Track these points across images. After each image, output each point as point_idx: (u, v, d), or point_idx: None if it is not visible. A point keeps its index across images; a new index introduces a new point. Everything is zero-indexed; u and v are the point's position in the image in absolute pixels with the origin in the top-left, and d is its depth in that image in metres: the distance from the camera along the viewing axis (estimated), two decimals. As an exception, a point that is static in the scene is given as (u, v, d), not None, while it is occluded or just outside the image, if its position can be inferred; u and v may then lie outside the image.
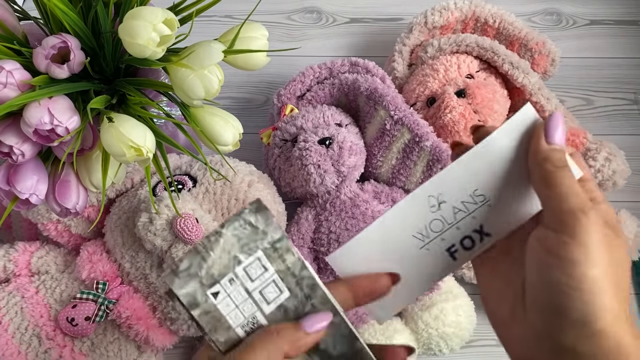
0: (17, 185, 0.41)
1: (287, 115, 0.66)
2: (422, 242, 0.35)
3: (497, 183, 0.34)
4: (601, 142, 0.65)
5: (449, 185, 0.34)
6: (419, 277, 0.36)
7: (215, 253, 0.32)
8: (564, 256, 0.29)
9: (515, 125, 0.33)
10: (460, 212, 0.35)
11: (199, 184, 0.58)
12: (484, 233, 0.35)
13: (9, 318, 0.53)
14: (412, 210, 0.35)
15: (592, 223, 0.29)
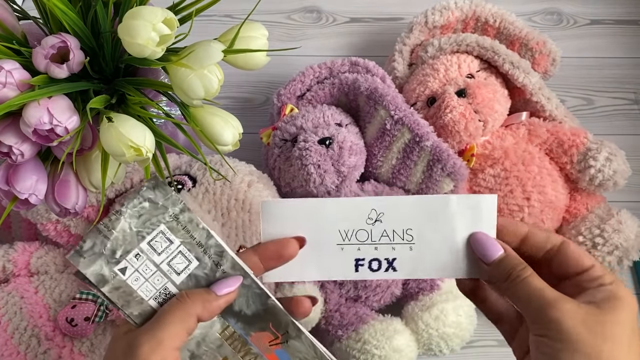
0: (16, 185, 0.41)
1: (287, 115, 0.66)
2: (341, 240, 0.38)
3: (428, 236, 0.37)
4: (602, 142, 0.65)
5: (394, 211, 0.37)
6: (320, 265, 0.38)
7: (117, 231, 0.34)
8: (547, 352, 0.31)
9: (474, 203, 0.37)
10: (386, 237, 0.38)
11: (199, 184, 0.58)
12: (392, 267, 0.38)
13: (8, 318, 0.53)
14: (354, 211, 0.37)
15: (563, 314, 0.30)
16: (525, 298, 0.32)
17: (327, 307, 0.63)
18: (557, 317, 0.30)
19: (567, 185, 0.67)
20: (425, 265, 0.38)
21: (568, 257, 0.34)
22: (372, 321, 0.60)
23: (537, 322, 0.32)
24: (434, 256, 0.38)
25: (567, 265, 0.34)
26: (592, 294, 0.32)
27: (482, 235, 0.36)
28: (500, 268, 0.34)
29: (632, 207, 0.67)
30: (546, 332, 0.31)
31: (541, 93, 0.68)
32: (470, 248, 0.37)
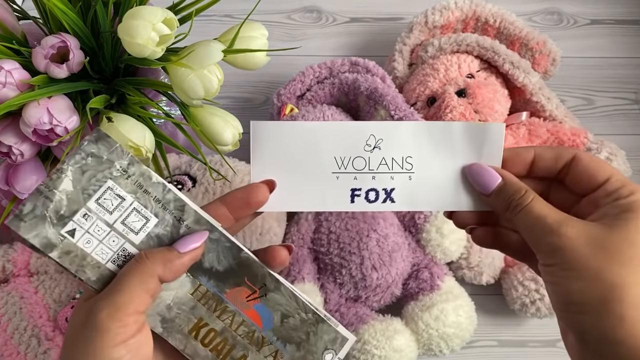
0: (16, 185, 0.41)
1: (287, 115, 0.66)
2: (337, 168, 0.36)
3: (430, 165, 0.35)
4: (602, 141, 0.65)
5: (393, 137, 0.35)
6: (315, 194, 0.36)
7: (60, 190, 0.31)
8: (551, 280, 0.30)
9: (480, 131, 0.35)
10: (385, 166, 0.36)
11: (199, 184, 0.58)
12: (390, 198, 0.36)
13: (7, 318, 0.53)
14: (351, 136, 0.35)
15: (566, 239, 0.29)
16: (527, 227, 0.31)
17: (327, 307, 0.63)
18: (559, 244, 0.29)
19: (567, 185, 0.67)
20: (425, 197, 0.36)
21: (581, 173, 0.32)
22: (372, 321, 0.60)
23: (541, 251, 0.30)
24: (435, 187, 0.36)
25: (581, 181, 0.32)
26: (605, 210, 0.30)
27: (477, 166, 0.34)
28: (500, 198, 0.33)
29: (633, 207, 0.67)
30: (550, 260, 0.29)
31: (541, 93, 0.68)
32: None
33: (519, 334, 0.67)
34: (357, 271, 0.61)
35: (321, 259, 0.63)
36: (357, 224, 0.62)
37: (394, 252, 0.61)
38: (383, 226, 0.62)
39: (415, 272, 0.64)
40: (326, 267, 0.63)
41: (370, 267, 0.60)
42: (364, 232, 0.61)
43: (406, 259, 0.63)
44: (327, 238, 0.62)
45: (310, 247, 0.64)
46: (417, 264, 0.64)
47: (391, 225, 0.63)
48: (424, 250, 0.65)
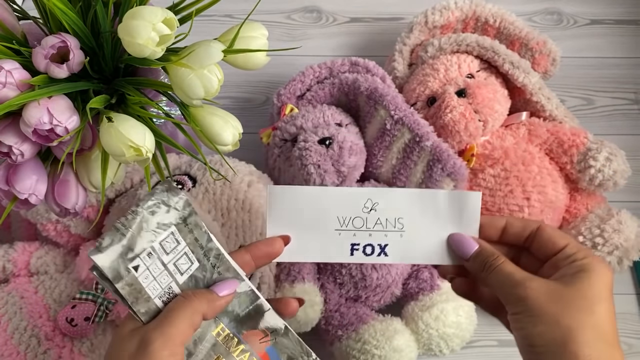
0: (16, 185, 0.41)
1: (287, 115, 0.66)
2: (339, 226, 0.41)
3: (418, 225, 0.41)
4: (602, 141, 0.65)
5: (387, 201, 0.41)
6: (320, 248, 0.42)
7: (133, 229, 0.35)
8: (517, 327, 0.34)
9: (461, 199, 0.40)
10: (380, 225, 0.41)
11: (199, 184, 0.58)
12: (384, 252, 0.42)
13: (7, 318, 0.53)
14: (351, 199, 0.41)
15: (529, 291, 0.34)
16: (498, 283, 0.36)
17: (327, 307, 0.63)
18: (524, 295, 0.34)
19: (567, 185, 0.67)
20: (414, 252, 0.42)
21: (544, 240, 0.37)
22: (372, 321, 0.60)
23: (509, 302, 0.35)
24: (422, 244, 0.41)
25: (545, 248, 0.37)
26: (564, 271, 0.35)
27: (458, 235, 0.40)
28: (476, 261, 0.39)
29: (632, 207, 0.67)
30: (516, 309, 0.34)
31: (541, 93, 0.68)
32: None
33: (518, 334, 0.67)
34: (357, 271, 0.61)
35: (321, 259, 0.64)
36: (357, 224, 0.62)
37: (394, 252, 0.62)
38: (383, 226, 0.62)
39: (415, 272, 0.64)
40: (326, 267, 0.63)
41: (370, 267, 0.60)
42: (364, 232, 0.61)
43: (406, 259, 0.63)
44: (327, 238, 0.63)
45: (310, 247, 0.64)
46: (417, 264, 0.64)
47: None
48: (424, 250, 0.65)
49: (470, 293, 0.42)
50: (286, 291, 0.61)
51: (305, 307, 0.60)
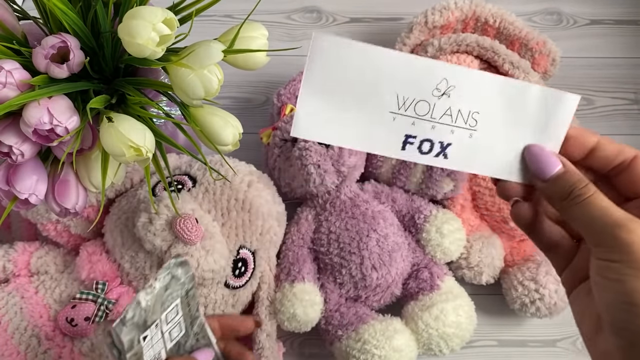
0: (16, 185, 0.41)
1: (287, 115, 0.66)
2: (396, 108, 0.32)
3: (495, 125, 0.33)
4: (602, 142, 0.65)
5: (467, 86, 0.32)
6: (364, 131, 0.32)
7: (150, 303, 0.36)
8: (612, 277, 0.28)
9: (555, 99, 0.33)
10: (448, 116, 0.33)
11: (199, 184, 0.58)
12: (444, 153, 0.33)
13: (8, 318, 0.53)
14: (421, 75, 0.32)
15: (635, 235, 0.28)
16: (587, 219, 0.30)
17: (327, 307, 0.63)
18: (628, 240, 0.28)
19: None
20: (480, 159, 0.33)
21: (638, 175, 0.31)
22: (372, 321, 0.60)
23: (603, 244, 0.29)
24: (492, 151, 0.33)
25: (636, 183, 0.31)
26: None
27: (538, 148, 0.33)
28: (558, 185, 0.31)
29: (632, 207, 0.67)
30: (615, 255, 0.28)
31: (541, 93, 0.68)
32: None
33: (518, 334, 0.67)
34: (357, 271, 0.61)
35: (321, 258, 0.63)
36: (357, 224, 0.62)
37: (394, 251, 0.61)
38: (383, 226, 0.62)
39: (415, 272, 0.64)
40: (326, 266, 0.63)
41: (370, 266, 0.60)
42: (363, 232, 0.61)
43: (406, 259, 0.63)
44: (327, 238, 0.63)
45: (310, 247, 0.64)
46: (417, 264, 0.64)
47: (391, 225, 0.63)
48: (424, 250, 0.65)
49: (531, 222, 0.34)
50: (286, 290, 0.61)
51: (305, 307, 0.60)
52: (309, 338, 0.68)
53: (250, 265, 0.59)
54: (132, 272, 0.55)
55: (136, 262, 0.54)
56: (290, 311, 0.60)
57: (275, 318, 0.61)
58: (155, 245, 0.51)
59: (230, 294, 0.57)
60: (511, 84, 0.33)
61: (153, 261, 0.54)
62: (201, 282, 0.53)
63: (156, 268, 0.54)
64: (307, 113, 0.32)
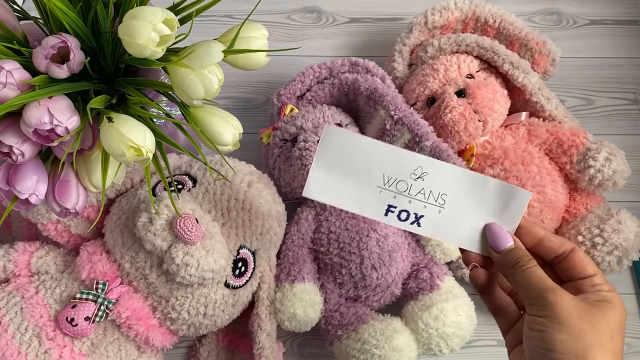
0: (16, 185, 0.41)
1: (287, 115, 0.66)
2: (382, 184, 0.42)
3: (460, 206, 0.41)
4: (601, 141, 0.65)
5: (437, 174, 0.41)
6: (357, 198, 0.42)
7: None
8: (538, 329, 0.35)
9: (509, 193, 0.41)
10: (422, 195, 0.41)
11: (199, 184, 0.58)
12: (418, 222, 0.42)
13: (8, 318, 0.53)
14: (403, 162, 0.41)
15: (560, 299, 0.35)
16: (526, 283, 0.37)
17: (327, 307, 0.63)
18: (555, 301, 0.35)
19: (566, 185, 0.67)
20: (446, 230, 0.42)
21: (575, 263, 0.39)
22: (372, 321, 0.60)
23: (536, 303, 0.36)
24: (457, 225, 0.41)
25: (573, 270, 0.39)
26: (588, 296, 0.37)
27: (496, 226, 0.41)
28: (508, 257, 0.39)
29: (632, 207, 0.68)
30: (542, 312, 0.35)
31: (541, 93, 0.69)
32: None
33: (518, 334, 0.67)
34: (357, 271, 0.61)
35: (321, 258, 0.64)
36: (357, 224, 0.62)
37: (394, 251, 0.62)
38: (383, 226, 0.62)
39: (415, 272, 0.64)
40: (326, 266, 0.63)
41: (370, 266, 0.61)
42: (363, 232, 0.61)
43: (406, 259, 0.63)
44: (327, 238, 0.63)
45: (310, 247, 0.64)
46: (416, 264, 0.65)
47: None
48: (424, 250, 0.65)
49: (485, 286, 0.42)
50: (286, 290, 0.61)
51: (305, 307, 0.60)
52: (309, 338, 0.68)
53: (250, 265, 0.59)
54: (133, 272, 0.55)
55: (136, 262, 0.54)
56: (290, 311, 0.60)
57: (275, 318, 0.61)
58: (155, 245, 0.51)
59: (230, 293, 0.57)
60: (472, 177, 0.41)
61: (153, 261, 0.54)
62: (201, 282, 0.53)
63: (156, 268, 0.54)
64: (317, 180, 0.42)
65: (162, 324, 0.57)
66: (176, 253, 0.50)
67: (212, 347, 0.65)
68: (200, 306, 0.56)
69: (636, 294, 0.70)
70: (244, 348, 0.64)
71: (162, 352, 0.62)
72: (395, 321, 0.60)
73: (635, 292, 0.70)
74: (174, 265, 0.51)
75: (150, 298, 0.55)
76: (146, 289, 0.55)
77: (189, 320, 0.56)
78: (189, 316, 0.56)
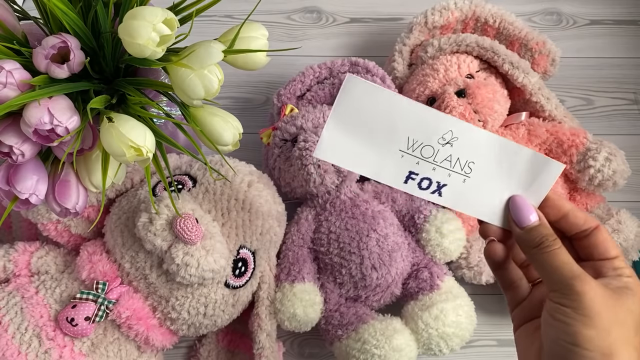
0: (17, 185, 0.41)
1: (287, 115, 0.66)
2: (405, 147, 0.38)
3: (486, 176, 0.38)
4: (601, 142, 0.65)
5: (468, 140, 0.37)
6: (375, 162, 0.38)
7: None
8: (561, 319, 0.33)
9: (542, 164, 0.38)
10: (448, 162, 0.38)
11: (199, 184, 0.58)
12: (440, 192, 0.39)
13: (8, 318, 0.53)
14: (432, 124, 0.37)
15: (588, 289, 0.33)
16: (550, 267, 0.34)
17: (327, 307, 0.63)
18: (581, 290, 0.32)
19: (566, 185, 0.67)
20: (469, 202, 0.39)
21: (598, 242, 0.36)
22: (372, 321, 0.60)
23: (560, 290, 0.33)
24: (481, 196, 0.38)
25: (595, 248, 0.36)
26: (610, 280, 0.34)
27: (521, 199, 0.38)
28: (531, 234, 0.36)
29: (632, 207, 0.68)
30: (567, 301, 0.33)
31: (541, 93, 0.69)
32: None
33: (518, 334, 0.67)
34: (357, 271, 0.61)
35: (321, 258, 0.64)
36: (357, 224, 0.62)
37: (394, 251, 0.62)
38: (383, 226, 0.62)
39: (415, 272, 0.64)
40: (326, 266, 0.63)
41: (370, 266, 0.61)
42: (363, 232, 0.61)
43: (406, 259, 0.63)
44: (327, 238, 0.63)
45: (310, 246, 0.64)
46: (416, 264, 0.65)
47: (391, 225, 0.63)
48: (424, 250, 0.65)
49: (500, 261, 0.40)
50: (286, 290, 0.61)
51: (305, 307, 0.60)
52: (309, 338, 0.68)
53: (250, 265, 0.59)
54: (133, 272, 0.55)
55: (136, 262, 0.54)
56: (290, 311, 0.60)
57: (275, 318, 0.61)
58: (155, 245, 0.51)
59: (230, 293, 0.57)
60: (507, 145, 0.38)
61: (153, 261, 0.54)
62: (201, 282, 0.53)
63: (156, 268, 0.54)
64: (331, 139, 0.38)
65: (162, 324, 0.57)
66: (176, 253, 0.50)
67: (212, 347, 0.65)
68: (200, 306, 0.56)
69: (636, 294, 0.70)
70: (244, 348, 0.64)
71: (162, 352, 0.62)
72: (395, 321, 0.60)
73: (635, 292, 0.70)
74: (174, 265, 0.51)
75: (150, 298, 0.55)
76: (146, 289, 0.55)
77: (189, 320, 0.56)
78: (189, 316, 0.56)
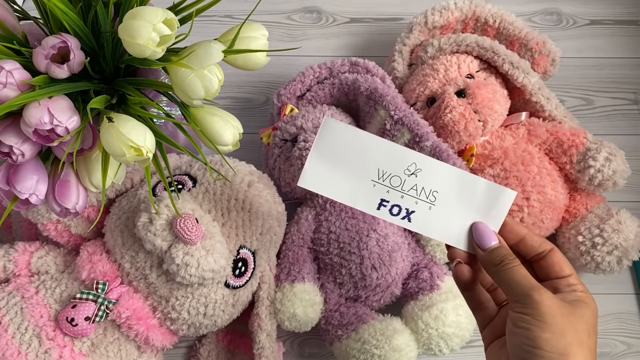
0: (17, 185, 0.41)
1: (287, 115, 0.66)
2: (376, 177, 0.43)
3: (450, 204, 0.43)
4: (601, 142, 0.65)
5: (431, 171, 0.42)
6: (351, 191, 0.43)
7: None
8: (522, 326, 0.37)
9: (497, 192, 0.42)
10: (414, 191, 0.43)
11: (199, 184, 0.58)
12: (409, 217, 0.43)
13: (9, 318, 0.53)
14: (398, 157, 0.42)
15: (544, 298, 0.37)
16: (512, 281, 0.39)
17: (327, 307, 0.63)
18: (539, 299, 0.37)
19: (566, 185, 0.67)
20: (435, 227, 0.43)
21: (553, 263, 0.40)
22: (372, 321, 0.60)
23: (520, 300, 0.37)
24: (446, 222, 0.43)
25: (551, 269, 0.40)
26: (565, 295, 0.38)
27: (483, 225, 0.43)
28: (493, 255, 0.41)
29: (632, 207, 0.68)
30: (526, 310, 0.37)
31: (541, 93, 0.69)
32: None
33: (518, 334, 0.67)
34: (357, 271, 0.61)
35: (321, 258, 0.64)
36: (357, 224, 0.62)
37: (394, 251, 0.62)
38: (383, 226, 0.62)
39: (414, 272, 0.64)
40: (326, 266, 0.63)
41: (370, 266, 0.61)
42: (363, 232, 0.61)
43: (406, 259, 0.63)
44: (327, 238, 0.63)
45: (310, 246, 0.64)
46: (416, 264, 0.65)
47: (391, 225, 0.63)
48: (424, 249, 0.65)
49: (468, 283, 0.43)
50: (286, 291, 0.61)
51: (305, 307, 0.60)
52: (309, 338, 0.68)
53: (250, 265, 0.59)
54: (133, 272, 0.55)
55: (136, 262, 0.54)
56: (290, 311, 0.60)
57: (275, 318, 0.61)
58: (155, 245, 0.51)
59: (230, 293, 0.57)
60: (464, 176, 0.42)
61: (153, 261, 0.54)
62: (201, 281, 0.53)
63: (156, 268, 0.54)
64: (313, 171, 0.43)
65: (162, 324, 0.57)
66: (176, 253, 0.50)
67: (212, 347, 0.65)
68: (200, 306, 0.56)
69: (636, 294, 0.70)
70: (244, 348, 0.64)
71: (162, 352, 0.62)
72: (395, 321, 0.60)
73: (635, 292, 0.70)
74: (174, 265, 0.51)
75: (150, 298, 0.55)
76: (146, 289, 0.55)
77: (189, 320, 0.56)
78: (189, 316, 0.56)
